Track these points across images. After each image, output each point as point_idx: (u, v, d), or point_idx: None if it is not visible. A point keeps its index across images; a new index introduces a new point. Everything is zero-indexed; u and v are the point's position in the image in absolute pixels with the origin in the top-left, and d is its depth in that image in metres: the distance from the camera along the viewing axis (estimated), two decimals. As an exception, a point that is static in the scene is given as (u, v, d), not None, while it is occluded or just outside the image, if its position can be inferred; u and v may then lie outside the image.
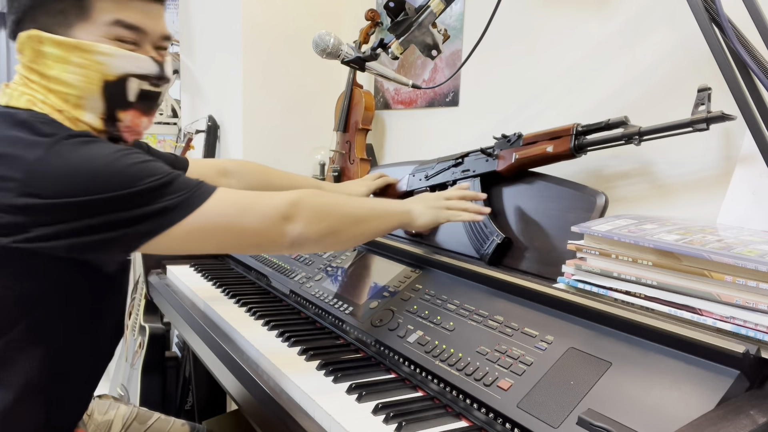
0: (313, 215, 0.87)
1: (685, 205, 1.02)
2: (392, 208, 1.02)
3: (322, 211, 0.89)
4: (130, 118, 0.86)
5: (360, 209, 0.96)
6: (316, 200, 0.89)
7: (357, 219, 0.94)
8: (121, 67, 0.83)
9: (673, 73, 1.04)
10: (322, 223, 0.88)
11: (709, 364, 0.64)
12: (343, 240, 0.94)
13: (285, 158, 2.01)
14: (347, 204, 0.95)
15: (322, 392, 0.84)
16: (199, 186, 0.82)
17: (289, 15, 1.95)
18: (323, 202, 0.90)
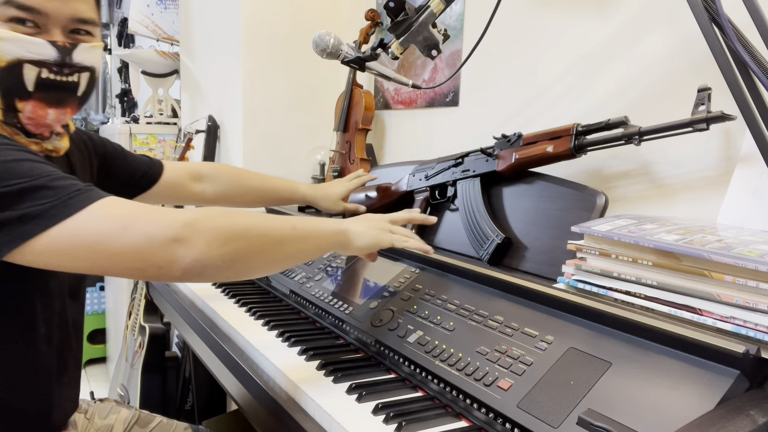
0: (214, 237, 0.72)
1: (685, 205, 1.02)
2: (325, 228, 0.89)
3: (228, 231, 0.73)
4: (30, 109, 0.79)
5: (281, 229, 0.81)
6: (222, 219, 0.74)
7: (275, 241, 0.80)
8: (11, 51, 0.76)
9: (673, 73, 1.04)
10: (227, 246, 0.73)
11: (709, 364, 0.64)
12: (257, 265, 0.80)
13: (285, 158, 2.01)
14: (264, 224, 0.80)
15: (322, 392, 0.84)
16: (75, 193, 0.70)
17: (289, 15, 1.95)
18: (231, 221, 0.75)
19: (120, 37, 3.95)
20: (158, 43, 2.97)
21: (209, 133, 2.13)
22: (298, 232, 0.83)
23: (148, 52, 2.76)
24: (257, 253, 0.78)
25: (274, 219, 0.83)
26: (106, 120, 6.46)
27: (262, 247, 0.78)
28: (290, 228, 0.82)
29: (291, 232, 0.82)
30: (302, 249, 0.85)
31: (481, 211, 1.10)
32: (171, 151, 2.30)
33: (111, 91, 6.32)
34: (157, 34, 2.85)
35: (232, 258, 0.74)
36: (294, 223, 0.83)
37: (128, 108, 4.10)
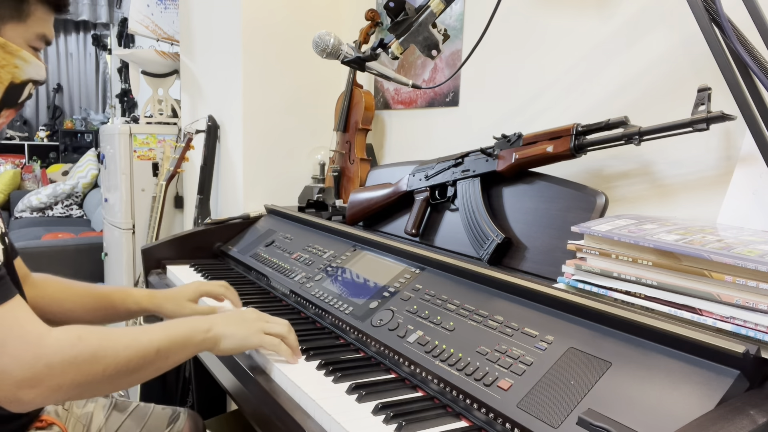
0: (68, 385, 0.74)
1: (685, 205, 1.02)
2: (191, 336, 0.87)
3: (83, 374, 0.75)
4: (6, 116, 0.87)
5: (144, 357, 0.81)
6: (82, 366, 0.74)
7: (133, 370, 0.80)
8: (30, 73, 0.85)
9: (673, 73, 1.04)
10: (76, 389, 0.75)
11: (709, 364, 0.64)
12: (104, 390, 0.82)
13: (285, 158, 2.01)
14: (121, 354, 0.79)
15: (322, 392, 0.84)
16: None
17: (289, 15, 1.95)
18: (89, 360, 0.75)
19: (120, 37, 3.95)
20: (158, 43, 2.97)
21: (209, 133, 2.13)
22: (161, 353, 0.83)
23: (148, 52, 2.76)
24: (111, 386, 0.80)
25: (141, 344, 0.81)
26: (106, 120, 6.46)
27: (117, 380, 0.80)
28: (154, 352, 0.82)
29: (153, 357, 0.83)
30: (161, 368, 0.85)
31: (481, 211, 1.10)
32: (171, 151, 2.30)
33: (111, 91, 6.33)
34: (157, 34, 2.84)
35: (79, 395, 0.78)
36: (160, 344, 0.83)
37: (128, 108, 4.11)
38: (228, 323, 0.92)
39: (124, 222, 2.59)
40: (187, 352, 0.88)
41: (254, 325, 0.94)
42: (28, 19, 0.84)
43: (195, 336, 0.88)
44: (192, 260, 1.68)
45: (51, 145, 6.67)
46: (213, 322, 0.91)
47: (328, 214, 1.63)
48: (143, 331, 0.84)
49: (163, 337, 0.84)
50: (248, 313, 0.97)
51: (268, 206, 1.79)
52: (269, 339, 0.94)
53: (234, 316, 0.95)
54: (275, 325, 0.96)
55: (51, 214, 4.78)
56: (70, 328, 0.77)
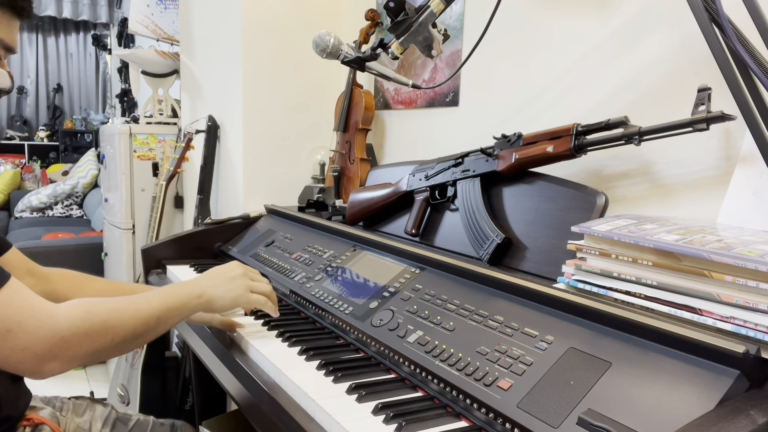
0: (82, 354, 0.79)
1: (685, 205, 1.02)
2: (185, 301, 0.94)
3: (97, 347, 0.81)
4: None
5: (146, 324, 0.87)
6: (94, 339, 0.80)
7: (138, 335, 0.87)
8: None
9: (673, 74, 1.04)
10: (91, 357, 0.81)
11: (709, 364, 0.64)
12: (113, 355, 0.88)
13: (285, 158, 2.01)
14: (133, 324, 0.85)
15: (322, 392, 0.84)
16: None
17: (289, 15, 1.95)
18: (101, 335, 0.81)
19: (120, 37, 3.95)
20: (158, 43, 2.97)
21: (209, 133, 2.13)
22: (161, 320, 0.90)
23: (148, 52, 2.76)
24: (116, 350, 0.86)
25: (143, 312, 0.88)
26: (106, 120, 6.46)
27: (124, 346, 0.86)
28: (155, 320, 0.89)
29: (154, 324, 0.89)
30: (160, 332, 0.92)
31: (481, 211, 1.10)
32: (171, 151, 2.30)
33: (111, 91, 6.33)
34: (157, 34, 2.84)
35: (92, 361, 0.82)
36: (159, 311, 0.90)
37: (128, 108, 4.11)
38: (217, 285, 0.99)
39: (124, 222, 2.59)
40: (183, 316, 0.96)
41: (242, 282, 1.01)
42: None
43: (190, 302, 0.95)
44: (192, 260, 1.68)
45: (51, 145, 6.67)
46: (204, 286, 0.98)
47: (328, 214, 1.63)
48: (145, 300, 0.90)
49: (162, 304, 0.91)
50: (234, 269, 1.03)
51: (268, 206, 1.79)
52: (256, 297, 1.02)
53: (221, 275, 1.01)
54: (260, 284, 1.04)
55: (51, 214, 4.78)
56: (78, 303, 0.81)
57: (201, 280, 1.01)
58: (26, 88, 6.74)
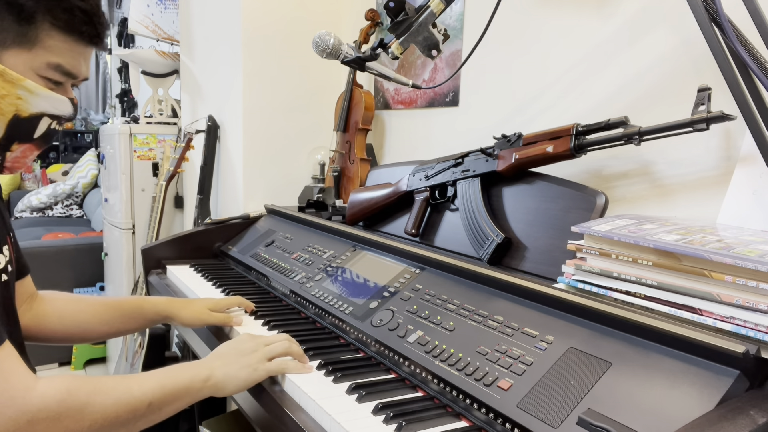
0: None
1: (685, 205, 1.02)
2: (182, 382, 0.82)
3: (64, 430, 0.72)
4: (22, 150, 0.80)
5: (134, 411, 0.77)
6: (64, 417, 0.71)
7: (118, 424, 0.76)
8: (40, 106, 0.77)
9: (673, 73, 1.04)
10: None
11: (709, 364, 0.64)
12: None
13: (285, 158, 2.01)
14: (110, 410, 0.75)
15: (322, 392, 0.84)
16: None
17: (289, 15, 1.95)
18: (75, 416, 0.72)
19: (120, 37, 3.95)
20: (158, 43, 2.97)
21: (209, 133, 2.13)
22: (154, 407, 0.79)
23: (148, 52, 2.76)
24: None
25: (133, 396, 0.77)
26: (106, 120, 6.46)
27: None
28: (146, 407, 0.78)
29: (145, 411, 0.78)
30: (152, 420, 0.81)
31: (481, 211, 1.10)
32: (171, 151, 2.30)
33: (111, 91, 6.32)
34: (157, 34, 2.84)
35: None
36: (153, 396, 0.79)
37: (128, 108, 4.10)
38: (227, 364, 0.87)
39: (124, 222, 2.59)
40: (185, 402, 0.84)
41: (254, 356, 0.89)
42: (36, 46, 0.76)
43: (193, 386, 0.84)
44: (192, 260, 1.68)
45: (51, 145, 6.66)
46: (212, 367, 0.86)
47: (328, 214, 1.63)
48: (137, 382, 0.80)
49: (157, 388, 0.80)
50: (245, 344, 0.92)
51: (268, 206, 1.79)
52: (275, 365, 0.90)
53: (231, 352, 0.90)
54: (275, 346, 0.92)
55: (51, 214, 4.78)
56: (60, 381, 0.74)
57: (208, 359, 0.89)
58: (26, 88, 6.73)
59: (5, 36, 0.74)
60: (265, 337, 0.95)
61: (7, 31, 0.74)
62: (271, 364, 0.89)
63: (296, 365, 0.91)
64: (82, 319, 1.09)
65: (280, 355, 0.92)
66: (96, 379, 0.77)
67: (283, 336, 0.96)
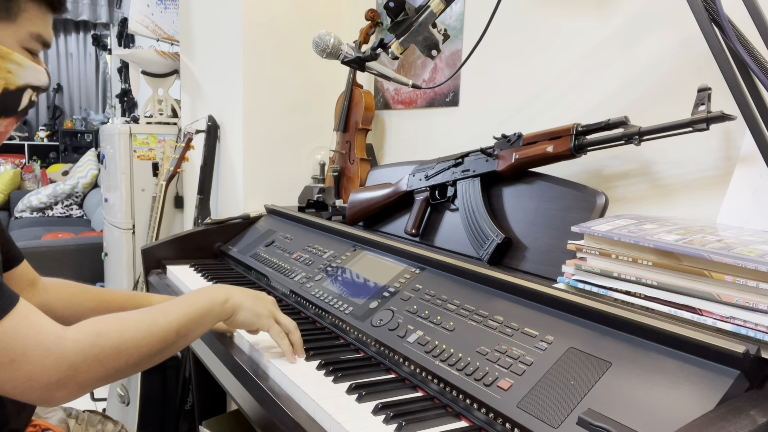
0: (93, 380, 0.75)
1: (685, 205, 1.02)
2: (203, 306, 0.87)
3: (107, 369, 0.75)
4: (5, 125, 0.81)
5: (165, 340, 0.81)
6: (102, 357, 0.75)
7: (155, 353, 0.81)
8: (26, 78, 0.79)
9: (673, 73, 1.04)
10: (102, 381, 0.76)
11: (709, 364, 0.64)
12: (129, 374, 0.82)
13: (285, 158, 2.01)
14: (143, 342, 0.79)
15: (322, 392, 0.84)
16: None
17: (289, 15, 1.95)
18: (111, 355, 0.75)
19: (120, 37, 3.95)
20: (158, 43, 2.97)
21: (209, 133, 2.13)
22: (181, 334, 0.84)
23: (148, 52, 2.76)
24: (135, 370, 0.81)
25: (160, 327, 0.81)
26: (106, 120, 6.46)
27: (141, 365, 0.81)
28: (174, 334, 0.83)
29: (174, 338, 0.83)
30: (182, 345, 0.86)
31: (481, 211, 1.10)
32: (171, 151, 2.30)
33: (111, 91, 6.33)
34: (157, 34, 2.84)
35: (106, 383, 0.77)
36: (180, 323, 0.83)
37: (128, 108, 4.10)
38: (245, 296, 0.93)
39: (124, 222, 2.59)
40: (206, 326, 0.89)
41: (268, 306, 0.95)
42: (18, 17, 0.76)
43: (213, 309, 0.89)
44: (192, 260, 1.68)
45: (51, 145, 6.67)
46: (230, 292, 0.92)
47: (328, 214, 1.63)
48: (162, 313, 0.83)
49: (181, 315, 0.84)
50: (263, 298, 0.98)
51: (268, 206, 1.79)
52: (277, 328, 0.95)
53: (251, 292, 0.97)
54: (286, 318, 0.98)
55: (51, 214, 4.78)
56: (87, 325, 0.77)
57: (226, 286, 0.95)
58: (26, 88, 6.73)
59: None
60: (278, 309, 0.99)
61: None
62: (274, 324, 0.95)
63: (288, 346, 0.95)
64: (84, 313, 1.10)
65: (285, 328, 0.96)
66: (122, 315, 0.81)
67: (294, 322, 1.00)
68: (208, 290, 0.92)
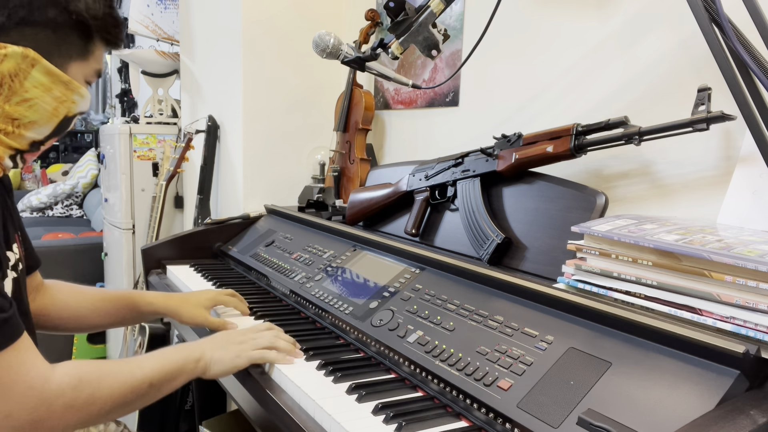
0: (62, 424, 0.76)
1: (685, 205, 1.02)
2: (181, 366, 0.91)
3: (80, 416, 0.78)
4: (48, 144, 0.87)
5: (137, 391, 0.84)
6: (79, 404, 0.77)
7: (124, 403, 0.83)
8: (82, 107, 0.86)
9: (673, 73, 1.04)
10: (72, 427, 0.78)
11: (709, 364, 0.64)
12: (98, 423, 0.86)
13: (285, 158, 2.01)
14: (117, 392, 0.82)
15: (322, 392, 0.85)
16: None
17: (289, 15, 1.95)
18: (86, 402, 0.78)
19: (120, 37, 3.94)
20: (158, 43, 2.97)
21: (209, 133, 2.13)
22: (154, 386, 0.87)
23: (148, 52, 2.76)
24: (104, 419, 0.83)
25: (135, 378, 0.84)
26: (106, 120, 6.46)
27: (111, 415, 0.83)
28: (147, 386, 0.86)
29: (146, 390, 0.86)
30: (152, 398, 0.88)
31: (481, 211, 1.10)
32: (171, 151, 2.30)
33: (111, 91, 6.32)
34: (157, 34, 2.84)
35: (81, 426, 0.79)
36: (153, 377, 0.87)
37: (128, 108, 4.10)
38: (216, 348, 0.96)
39: (124, 222, 2.59)
40: (178, 382, 0.92)
41: (240, 347, 0.97)
42: (90, 56, 0.85)
43: (186, 366, 0.92)
44: (192, 260, 1.68)
45: (51, 145, 6.66)
46: (203, 350, 0.95)
47: (328, 214, 1.63)
48: (138, 365, 0.87)
49: (156, 369, 0.88)
50: (234, 336, 1.00)
51: (268, 206, 1.79)
52: (257, 353, 0.96)
53: (221, 340, 0.98)
54: (261, 340, 0.98)
55: (51, 214, 4.78)
56: (72, 368, 0.79)
57: (201, 341, 0.98)
58: (26, 88, 6.73)
59: (72, 51, 0.83)
60: (252, 333, 1.01)
61: (73, 46, 0.83)
62: (253, 353, 0.96)
63: (277, 355, 0.97)
64: (82, 313, 1.14)
65: (265, 347, 0.97)
66: (102, 364, 0.84)
67: (271, 332, 1.01)
68: (183, 347, 0.95)
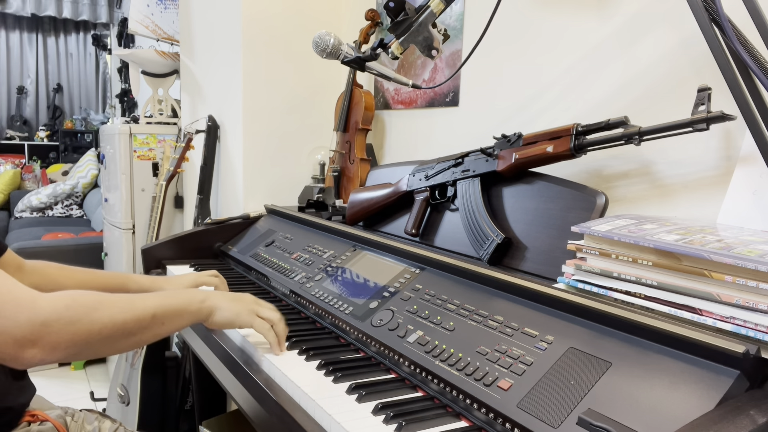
0: (65, 342, 0.75)
1: (685, 205, 1.02)
2: (187, 304, 0.90)
3: (81, 336, 0.76)
4: None
5: (140, 321, 0.82)
6: (78, 324, 0.76)
7: (131, 333, 0.82)
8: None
9: (673, 73, 1.04)
10: (76, 347, 0.76)
11: (709, 364, 0.64)
12: (103, 351, 0.82)
13: (285, 158, 2.01)
14: (123, 317, 0.80)
15: (322, 392, 0.85)
16: None
17: (289, 15, 1.95)
18: (87, 323, 0.77)
19: (120, 37, 3.95)
20: (158, 43, 2.97)
21: (209, 133, 2.13)
22: (157, 318, 0.85)
23: (148, 52, 2.76)
24: (108, 347, 0.82)
25: (136, 308, 0.83)
26: (106, 120, 6.46)
27: (115, 343, 0.81)
28: (150, 317, 0.84)
29: (150, 321, 0.84)
30: (158, 334, 0.87)
31: (481, 211, 1.10)
32: (171, 151, 2.30)
33: (111, 91, 6.33)
34: (157, 34, 2.84)
35: (78, 354, 0.78)
36: (156, 309, 0.85)
37: (128, 108, 4.11)
38: (223, 298, 0.95)
39: (124, 222, 2.59)
40: (183, 321, 0.90)
41: (248, 305, 0.97)
42: None
43: (191, 305, 0.91)
44: (192, 260, 1.68)
45: (51, 145, 6.66)
46: (208, 294, 0.94)
47: (328, 214, 1.63)
48: (139, 297, 0.85)
49: (158, 303, 0.86)
50: (244, 295, 1.00)
51: (268, 206, 1.79)
52: (260, 322, 0.96)
53: (230, 293, 0.99)
54: (267, 311, 0.98)
55: (51, 214, 4.78)
56: (64, 292, 0.78)
57: (206, 290, 0.97)
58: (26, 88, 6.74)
59: None
60: (262, 301, 1.01)
61: None
62: (257, 319, 0.96)
63: (274, 338, 0.97)
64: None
65: (268, 320, 0.98)
66: (101, 293, 0.82)
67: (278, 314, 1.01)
68: (188, 290, 0.95)
